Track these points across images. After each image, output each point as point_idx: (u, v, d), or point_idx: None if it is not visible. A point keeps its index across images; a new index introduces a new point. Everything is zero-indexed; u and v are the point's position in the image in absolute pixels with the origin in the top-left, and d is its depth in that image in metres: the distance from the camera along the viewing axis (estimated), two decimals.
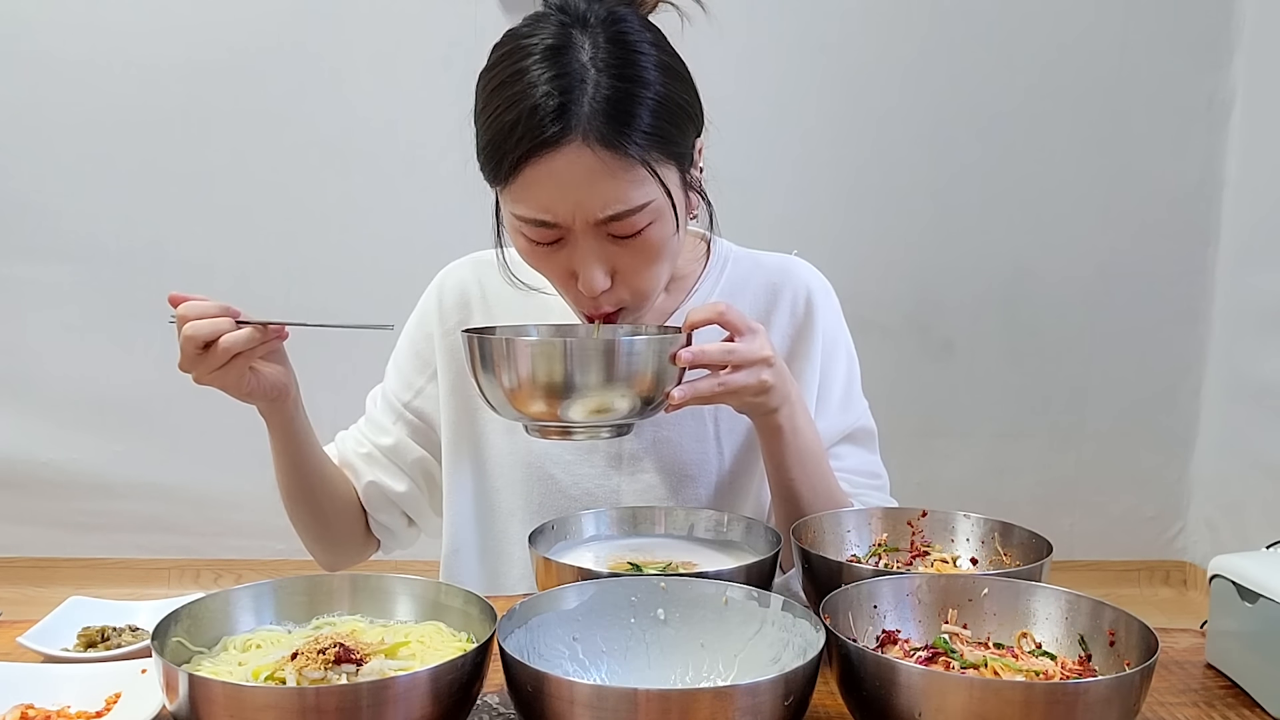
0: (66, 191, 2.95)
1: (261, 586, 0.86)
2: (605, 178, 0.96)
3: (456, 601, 0.85)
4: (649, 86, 0.97)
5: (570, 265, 1.02)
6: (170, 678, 0.70)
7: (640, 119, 0.96)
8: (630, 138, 0.95)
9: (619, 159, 0.95)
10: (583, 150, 0.95)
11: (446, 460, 1.23)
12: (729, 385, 0.98)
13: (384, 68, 2.93)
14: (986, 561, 1.02)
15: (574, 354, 0.92)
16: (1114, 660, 0.79)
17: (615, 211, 0.97)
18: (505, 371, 0.93)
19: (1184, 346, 3.15)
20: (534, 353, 0.92)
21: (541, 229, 1.00)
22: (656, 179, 0.98)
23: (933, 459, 3.10)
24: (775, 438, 1.06)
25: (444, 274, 1.27)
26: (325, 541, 1.23)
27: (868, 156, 3.03)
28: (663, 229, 1.01)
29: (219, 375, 1.01)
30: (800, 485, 1.09)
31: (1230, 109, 3.03)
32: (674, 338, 0.96)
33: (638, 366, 0.93)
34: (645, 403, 0.96)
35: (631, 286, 1.04)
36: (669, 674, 0.82)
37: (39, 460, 3.03)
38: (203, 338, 0.99)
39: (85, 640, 0.96)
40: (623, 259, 1.01)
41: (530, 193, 0.98)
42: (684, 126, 1.01)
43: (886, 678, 0.70)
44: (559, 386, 0.92)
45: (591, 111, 0.94)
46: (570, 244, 1.00)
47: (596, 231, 0.99)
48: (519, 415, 0.96)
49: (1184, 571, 3.25)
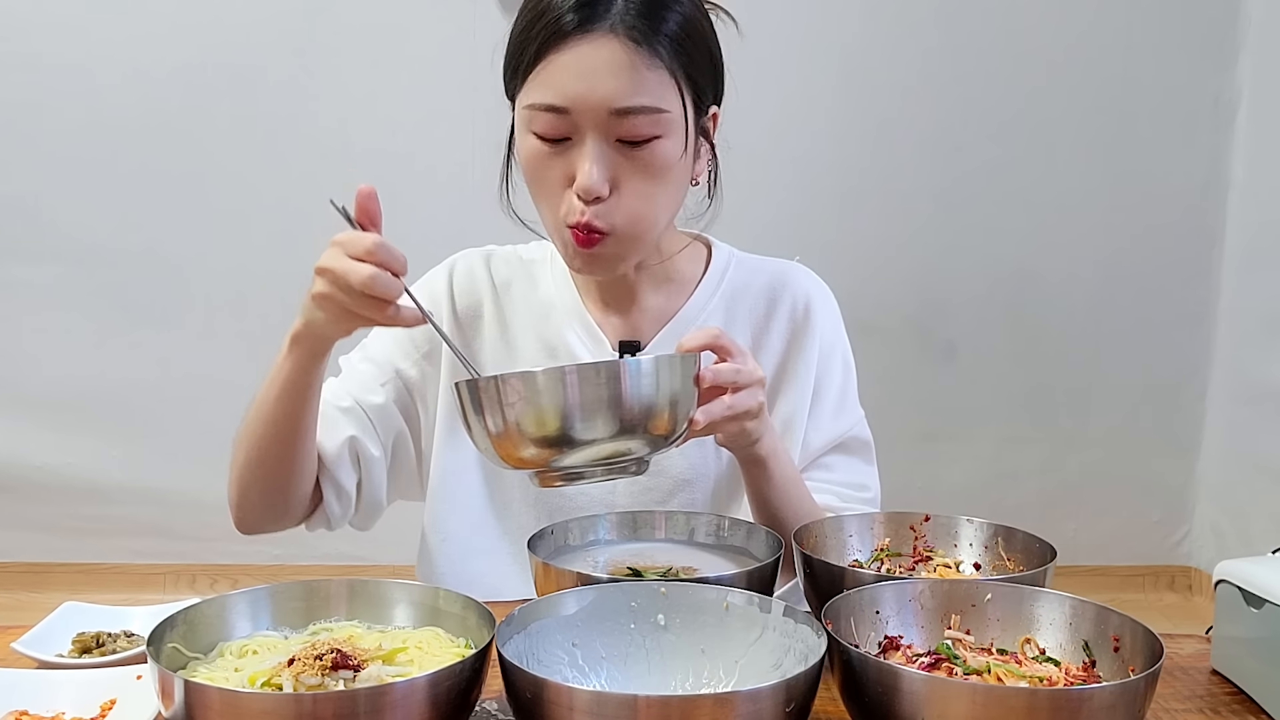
0: (61, 193, 2.93)
1: (258, 592, 0.86)
2: (627, 69, 0.97)
3: (455, 607, 0.85)
4: (681, 5, 1.01)
5: (570, 170, 1.01)
6: (166, 684, 0.70)
7: (670, 25, 0.99)
8: (658, 38, 0.98)
9: (645, 55, 0.98)
10: (610, 39, 0.97)
11: (440, 446, 1.19)
12: (736, 408, 0.97)
13: (381, 69, 2.92)
14: (990, 566, 1.01)
15: (575, 384, 0.83)
16: (1119, 666, 0.78)
17: (633, 104, 0.98)
18: (500, 418, 0.84)
19: (1189, 349, 3.14)
20: (534, 388, 0.83)
21: (552, 118, 0.99)
22: (676, 88, 1.00)
23: (935, 463, 3.09)
24: (759, 468, 1.06)
25: (453, 260, 1.25)
26: (274, 497, 1.11)
27: (870, 158, 3.02)
28: (671, 148, 1.02)
29: (352, 314, 0.92)
30: (784, 511, 1.09)
31: (1236, 110, 3.02)
32: (687, 357, 0.91)
33: (649, 393, 0.86)
34: (665, 436, 0.89)
35: (626, 208, 1.02)
36: (669, 680, 0.81)
37: (33, 464, 3.01)
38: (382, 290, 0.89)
39: (80, 646, 0.96)
40: (625, 170, 1.01)
41: (551, 78, 0.99)
42: (704, 61, 1.04)
43: (889, 684, 0.70)
44: (563, 427, 0.83)
45: (625, 7, 0.98)
46: (576, 145, 1.00)
47: (606, 131, 0.99)
48: (533, 461, 0.87)
49: (1189, 577, 3.24)
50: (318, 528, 1.18)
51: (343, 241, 0.91)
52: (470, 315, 1.21)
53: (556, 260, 1.23)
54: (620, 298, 1.19)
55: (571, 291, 1.21)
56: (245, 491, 1.11)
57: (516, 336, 1.20)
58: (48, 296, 2.97)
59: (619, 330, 1.19)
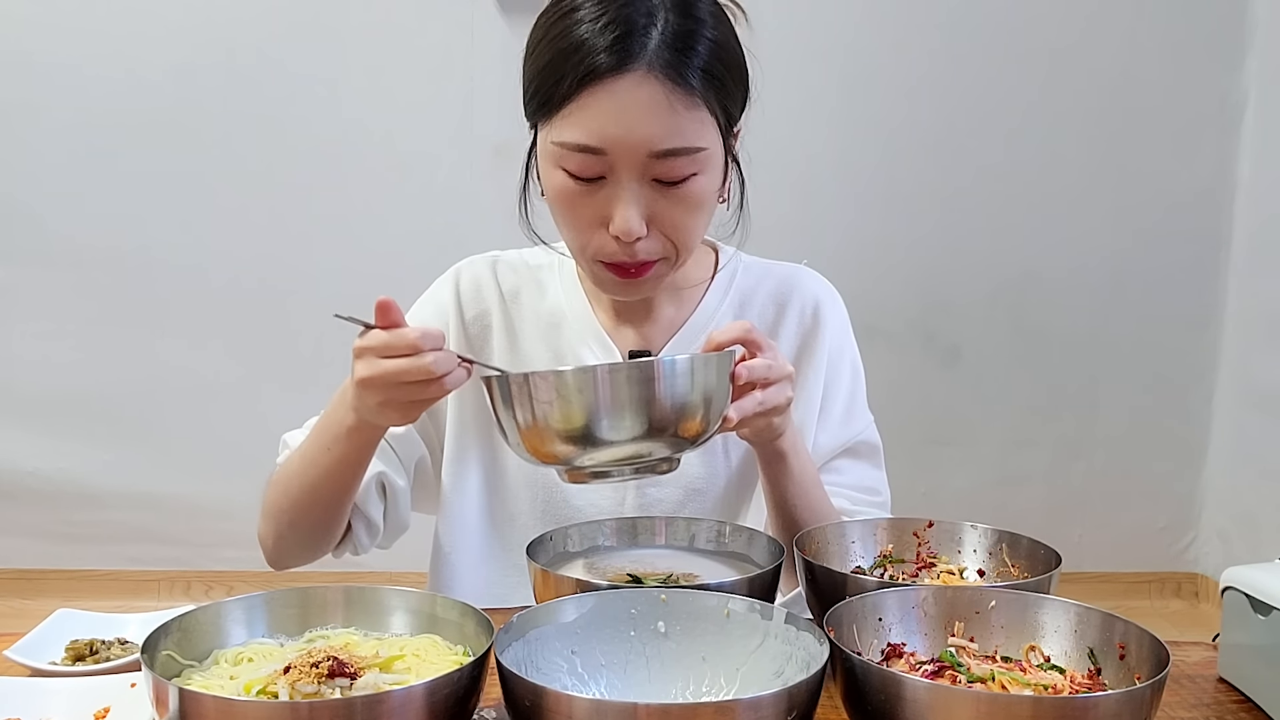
0: (54, 194, 2.91)
1: (253, 599, 0.86)
2: (666, 111, 0.95)
3: (453, 614, 0.84)
4: (713, 30, 0.99)
5: (604, 210, 0.99)
6: (160, 692, 0.69)
7: (705, 58, 0.97)
8: (696, 75, 0.96)
9: (683, 94, 0.96)
10: (648, 80, 0.95)
11: (449, 462, 1.20)
12: (767, 403, 0.96)
13: (379, 71, 2.91)
14: (994, 573, 1.01)
15: (605, 383, 0.82)
16: (1124, 674, 0.78)
17: (670, 147, 0.96)
18: (530, 414, 0.84)
19: (1195, 352, 3.13)
20: (567, 385, 0.83)
21: (587, 158, 0.97)
22: (715, 124, 0.99)
23: (939, 468, 3.08)
24: (781, 463, 1.05)
25: (459, 266, 1.23)
26: (313, 543, 1.14)
27: (874, 160, 3.02)
28: (708, 182, 1.01)
29: (417, 404, 0.92)
30: (801, 509, 1.08)
31: (1243, 111, 3.01)
32: (723, 354, 0.91)
33: (692, 387, 0.85)
34: (700, 431, 0.88)
35: (664, 241, 1.02)
36: (669, 688, 0.81)
37: (25, 469, 2.99)
38: (440, 372, 0.88)
39: (73, 654, 0.95)
40: (661, 207, 1.00)
41: (586, 116, 0.96)
42: (737, 84, 1.02)
43: (892, 692, 0.69)
44: (593, 425, 0.83)
45: (660, 44, 0.95)
46: (610, 184, 0.99)
47: (642, 172, 0.98)
48: (563, 459, 0.87)
49: (1196, 583, 3.22)
50: (344, 554, 1.20)
51: (375, 346, 0.89)
52: (479, 325, 1.20)
53: (564, 267, 1.22)
54: (634, 309, 1.18)
55: (582, 301, 1.20)
56: (283, 541, 1.14)
57: (526, 347, 1.19)
58: (39, 298, 2.95)
59: (631, 341, 1.18)
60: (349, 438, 0.99)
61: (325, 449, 1.02)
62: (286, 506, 1.10)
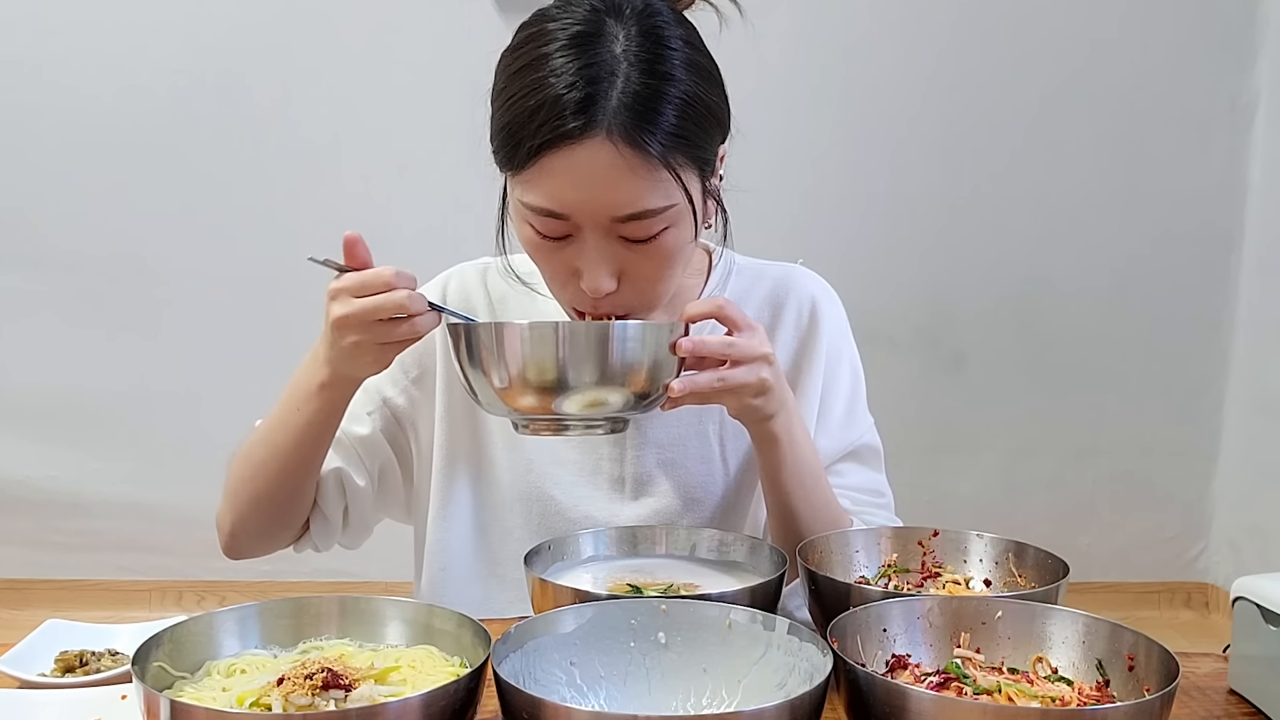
0: (45, 201, 2.91)
1: (246, 609, 0.85)
2: (627, 176, 0.93)
3: (449, 625, 0.84)
4: (679, 85, 0.95)
5: (575, 263, 0.99)
6: (151, 704, 0.69)
7: (668, 119, 0.94)
8: (656, 137, 0.93)
9: (642, 159, 0.93)
10: (606, 146, 0.92)
11: (439, 472, 1.19)
12: (728, 381, 0.96)
13: (374, 71, 2.90)
14: (1000, 583, 1.00)
15: (566, 339, 0.89)
16: (1133, 686, 0.77)
17: (633, 212, 0.95)
18: (494, 361, 0.91)
19: (1205, 358, 3.11)
20: (525, 338, 0.90)
21: (551, 221, 0.97)
22: (679, 183, 0.96)
23: (944, 476, 3.06)
24: (772, 447, 1.04)
25: (448, 274, 1.24)
26: (274, 526, 1.14)
27: (879, 164, 3.01)
28: (679, 235, 0.99)
29: (388, 346, 0.95)
30: (798, 502, 1.06)
31: (1254, 112, 3.00)
32: (673, 325, 0.94)
33: (634, 355, 0.91)
34: (641, 396, 0.93)
35: (638, 292, 1.01)
36: (670, 700, 0.80)
37: (13, 478, 2.97)
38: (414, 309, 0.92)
39: (63, 665, 0.95)
40: (632, 262, 0.99)
41: (545, 182, 0.95)
42: (710, 131, 0.99)
43: (896, 704, 0.69)
44: (552, 375, 0.90)
45: (619, 106, 0.92)
46: (578, 241, 0.98)
47: (608, 231, 0.97)
48: (509, 410, 0.94)
49: (1206, 593, 3.21)
50: (305, 550, 1.20)
51: (349, 286, 0.93)
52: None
53: None
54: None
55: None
56: (243, 521, 1.13)
57: None
58: (28, 303, 2.94)
59: None
60: (320, 394, 1.01)
61: (295, 409, 1.04)
62: (248, 476, 1.09)
